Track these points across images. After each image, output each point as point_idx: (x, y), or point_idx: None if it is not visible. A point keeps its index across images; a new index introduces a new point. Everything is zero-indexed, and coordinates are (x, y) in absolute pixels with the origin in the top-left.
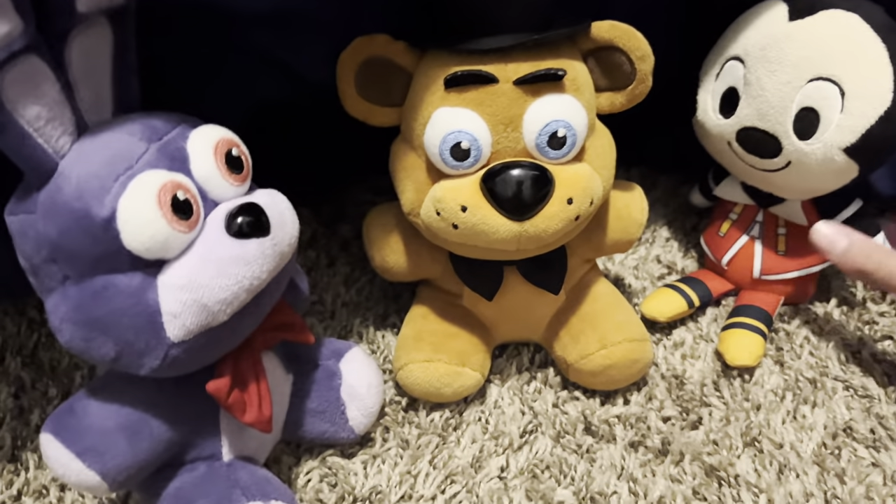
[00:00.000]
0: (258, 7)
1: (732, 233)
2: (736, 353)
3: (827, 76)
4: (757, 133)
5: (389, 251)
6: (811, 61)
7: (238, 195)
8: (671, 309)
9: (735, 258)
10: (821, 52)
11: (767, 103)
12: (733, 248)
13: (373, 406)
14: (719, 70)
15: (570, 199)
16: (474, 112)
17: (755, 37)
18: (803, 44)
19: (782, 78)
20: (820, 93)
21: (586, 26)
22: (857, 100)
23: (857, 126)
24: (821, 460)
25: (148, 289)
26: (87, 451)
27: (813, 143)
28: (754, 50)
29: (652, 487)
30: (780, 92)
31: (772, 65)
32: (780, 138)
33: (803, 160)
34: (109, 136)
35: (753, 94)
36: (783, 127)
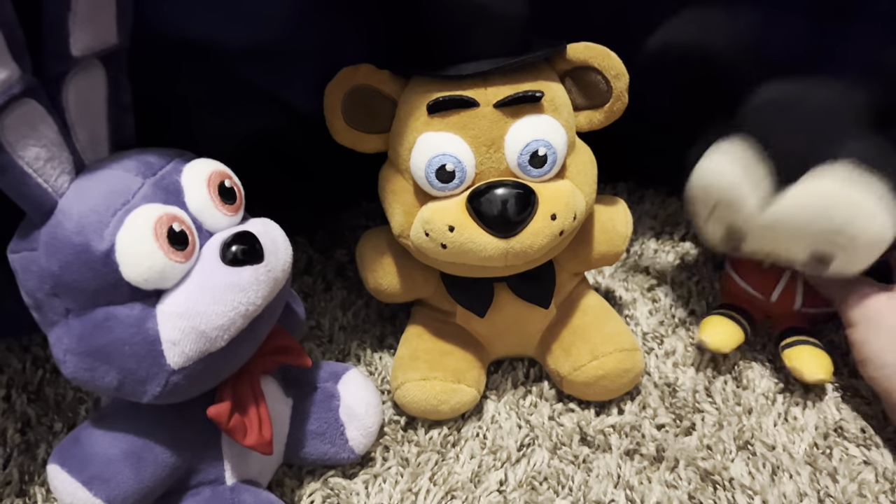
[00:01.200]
0: (244, 42)
1: (775, 268)
2: (813, 368)
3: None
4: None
5: (383, 273)
6: (810, 240)
7: (232, 225)
8: (733, 340)
9: (783, 293)
10: (816, 230)
11: (776, 251)
12: (780, 283)
13: (372, 426)
14: (712, 209)
15: (554, 215)
16: (457, 135)
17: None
18: (797, 226)
19: (785, 251)
20: (825, 250)
21: (562, 48)
22: (862, 248)
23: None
24: (813, 460)
25: (147, 318)
26: (92, 480)
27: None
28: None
29: (648, 494)
30: (786, 256)
31: (771, 242)
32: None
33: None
34: (106, 173)
35: (757, 242)
36: (796, 263)
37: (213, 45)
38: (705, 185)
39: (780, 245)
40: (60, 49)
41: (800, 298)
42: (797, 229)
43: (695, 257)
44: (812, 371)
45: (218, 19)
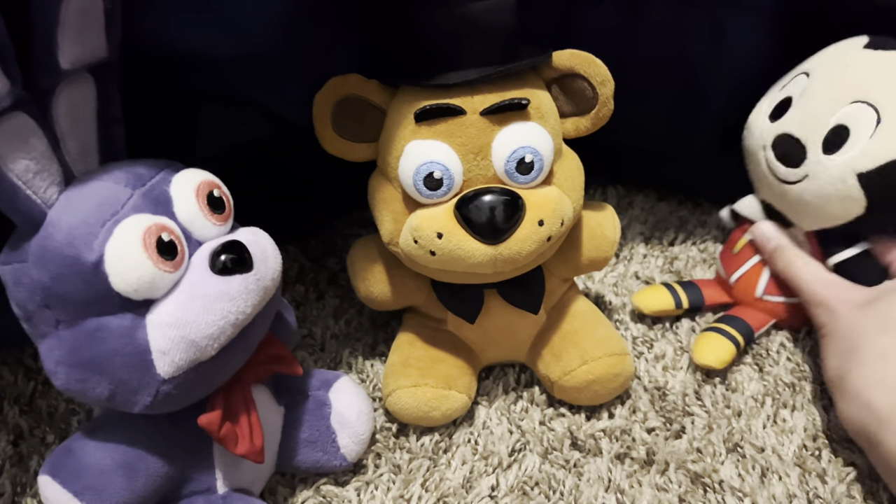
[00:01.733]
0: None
1: (746, 252)
2: (703, 352)
3: (871, 101)
4: (790, 139)
5: (374, 281)
6: (863, 85)
7: (221, 234)
8: (657, 303)
9: (742, 277)
10: (874, 79)
11: (810, 112)
12: (743, 266)
13: (363, 433)
14: (788, 82)
15: (541, 221)
16: (445, 143)
17: (830, 55)
18: (865, 69)
19: (833, 91)
20: (858, 114)
21: (548, 56)
22: (889, 130)
23: (880, 154)
24: (802, 462)
25: (138, 328)
26: (85, 490)
27: (834, 158)
28: (822, 65)
29: (639, 497)
30: (825, 103)
31: (829, 79)
32: (808, 148)
33: (819, 175)
34: (96, 184)
35: (803, 104)
36: (814, 136)
37: (203, 56)
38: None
39: (820, 108)
40: (50, 62)
41: (763, 285)
42: (854, 76)
43: (684, 262)
44: (701, 354)
45: (208, 31)
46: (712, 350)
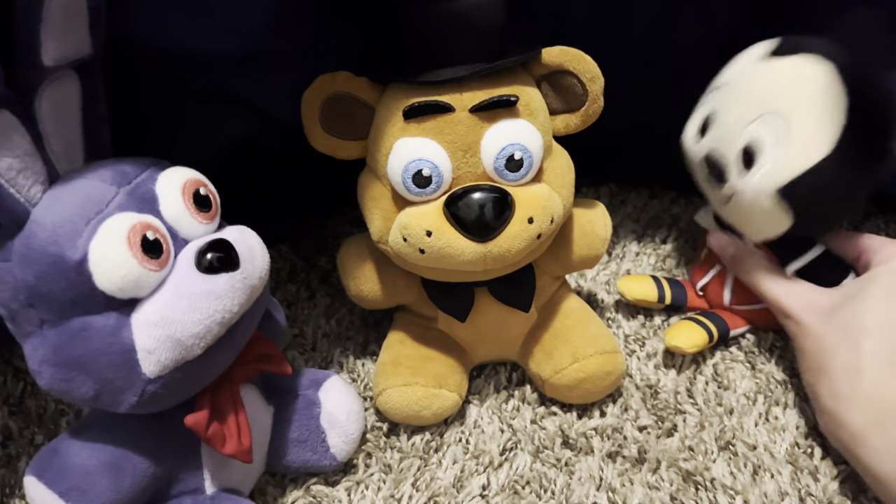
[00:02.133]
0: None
1: (709, 261)
2: (675, 335)
3: (778, 112)
4: (713, 158)
5: (364, 280)
6: (768, 97)
7: (207, 232)
8: (641, 292)
9: (708, 285)
10: (779, 91)
11: (724, 129)
12: (707, 275)
13: (354, 432)
14: (709, 95)
15: (531, 219)
16: (433, 140)
17: (739, 65)
18: (768, 81)
19: (741, 107)
20: (766, 128)
21: (537, 53)
22: (797, 141)
23: (790, 169)
24: (794, 459)
25: (123, 327)
26: (70, 491)
27: (750, 177)
28: (731, 79)
29: (630, 496)
30: (735, 120)
31: (736, 95)
32: (728, 166)
33: (741, 194)
34: (80, 182)
35: (719, 121)
36: (732, 154)
37: (190, 54)
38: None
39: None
40: (33, 59)
41: (728, 295)
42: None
43: (676, 260)
44: (673, 336)
45: (195, 28)
46: (685, 334)
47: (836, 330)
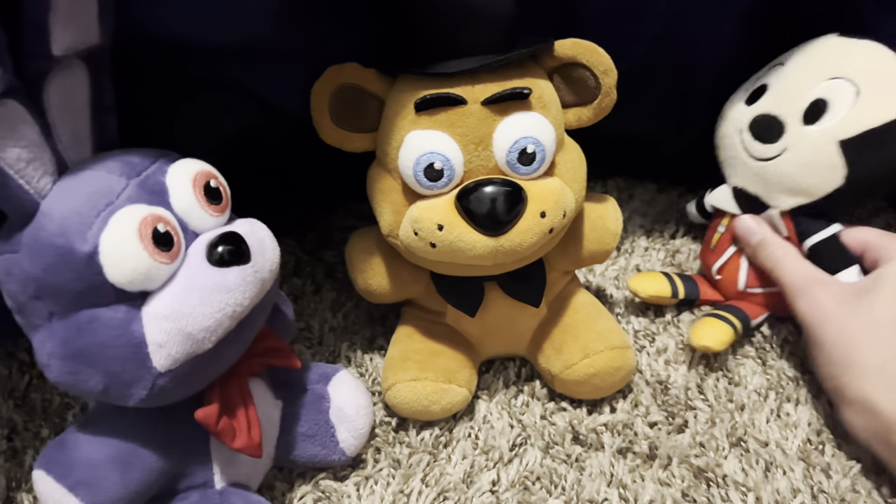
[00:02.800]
0: (229, 41)
1: (721, 244)
2: (701, 334)
3: (848, 77)
4: (767, 118)
5: (372, 274)
6: (840, 64)
7: (218, 225)
8: (654, 289)
9: (723, 268)
10: (851, 60)
11: (788, 90)
12: (722, 258)
13: (362, 427)
14: (764, 73)
15: (543, 213)
16: (445, 133)
17: (803, 46)
18: (840, 51)
19: (810, 70)
20: (837, 87)
21: (549, 45)
22: (869, 99)
23: (861, 122)
24: (806, 456)
25: (132, 320)
26: (78, 485)
27: (814, 128)
28: (796, 53)
29: (641, 492)
30: (803, 80)
31: (805, 61)
32: (786, 123)
33: (799, 145)
34: (89, 174)
35: (780, 84)
36: (794, 111)
37: (198, 44)
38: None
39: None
40: (41, 49)
41: (743, 278)
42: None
43: (686, 255)
44: (699, 336)
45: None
46: (711, 332)
47: (860, 320)
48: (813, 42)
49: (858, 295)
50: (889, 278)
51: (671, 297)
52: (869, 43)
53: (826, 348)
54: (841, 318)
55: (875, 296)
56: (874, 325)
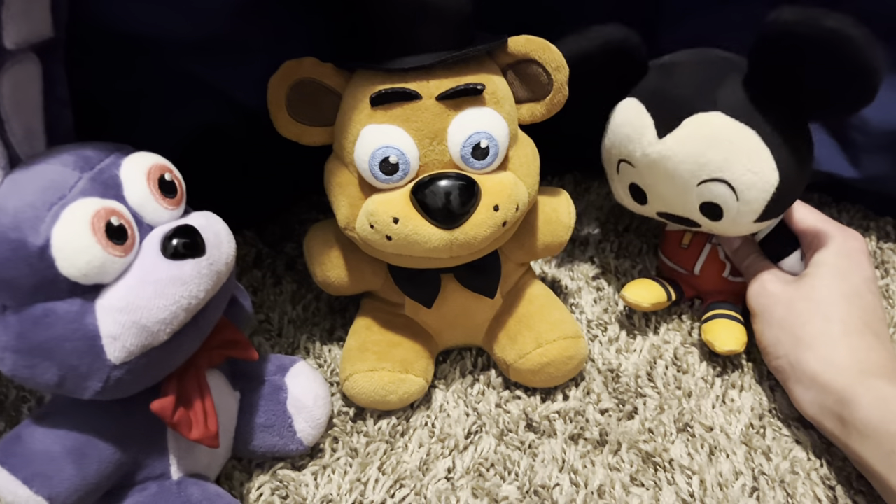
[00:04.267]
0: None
1: (696, 243)
2: (724, 339)
3: (714, 178)
4: (673, 216)
5: (330, 266)
6: (693, 171)
7: (173, 218)
8: (653, 296)
9: (706, 265)
10: (698, 162)
11: (671, 202)
12: (701, 256)
13: (320, 417)
14: (616, 167)
15: (497, 207)
16: (400, 128)
17: (635, 150)
18: (680, 159)
19: (675, 186)
20: (713, 192)
21: (503, 42)
22: (747, 191)
23: (756, 207)
24: (748, 440)
25: (87, 313)
26: (34, 477)
27: (724, 222)
28: (640, 162)
29: (592, 477)
30: (678, 196)
31: (661, 178)
32: (695, 220)
33: (726, 229)
34: (42, 167)
35: (656, 195)
36: (694, 214)
37: (154, 37)
38: (607, 145)
39: (673, 194)
40: None
41: (728, 265)
42: (682, 168)
43: (638, 247)
44: (722, 342)
45: (159, 11)
46: (730, 335)
47: (806, 302)
48: (634, 134)
49: (802, 279)
50: (828, 263)
51: (667, 301)
52: (691, 125)
53: (774, 328)
54: (788, 300)
55: (818, 279)
56: (819, 305)
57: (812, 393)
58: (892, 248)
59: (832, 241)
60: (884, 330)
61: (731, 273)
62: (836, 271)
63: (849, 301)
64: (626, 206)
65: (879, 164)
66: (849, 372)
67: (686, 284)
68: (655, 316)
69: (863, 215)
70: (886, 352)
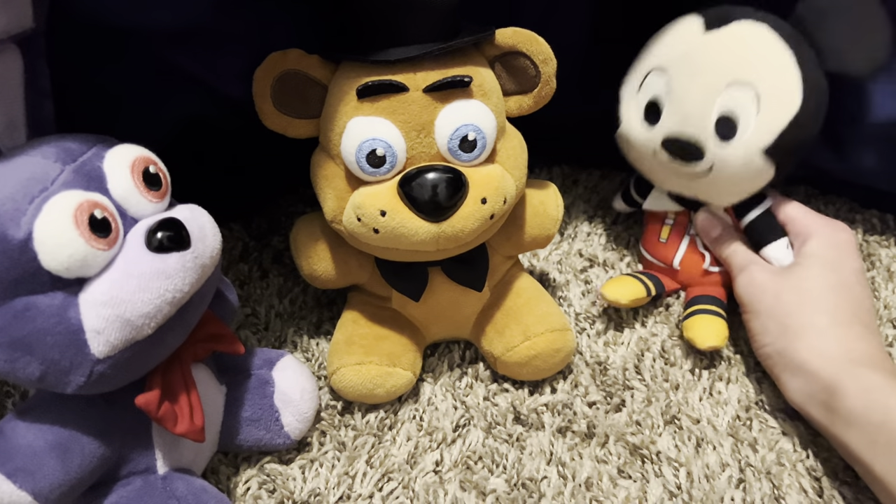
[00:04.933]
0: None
1: (674, 237)
2: (704, 336)
3: (743, 80)
4: (681, 141)
5: (317, 259)
6: (728, 67)
7: (157, 211)
8: (632, 293)
9: (685, 258)
10: (736, 59)
11: (690, 109)
12: (680, 249)
13: (307, 411)
14: (641, 82)
15: (484, 199)
16: (387, 120)
17: (676, 47)
18: (720, 52)
19: (702, 83)
20: (737, 97)
21: (490, 34)
22: (770, 103)
23: (773, 127)
24: (735, 432)
25: (69, 307)
26: (17, 472)
27: (734, 144)
28: (675, 59)
29: (579, 469)
30: (701, 97)
31: (692, 71)
32: (703, 143)
33: (726, 163)
34: (23, 159)
35: (677, 102)
36: (706, 132)
37: (136, 27)
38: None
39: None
40: None
41: (708, 259)
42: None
43: (626, 240)
44: (703, 339)
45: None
46: (712, 331)
47: (794, 291)
48: (683, 38)
49: (791, 270)
50: (817, 255)
51: (646, 296)
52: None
53: (763, 318)
54: (776, 289)
55: (807, 270)
56: (808, 295)
57: (799, 381)
58: (877, 240)
59: (821, 233)
60: (872, 321)
61: (710, 264)
62: (825, 262)
63: (837, 292)
64: (630, 137)
65: (865, 157)
66: (837, 361)
67: (667, 278)
68: (643, 309)
69: (849, 208)
70: (874, 342)
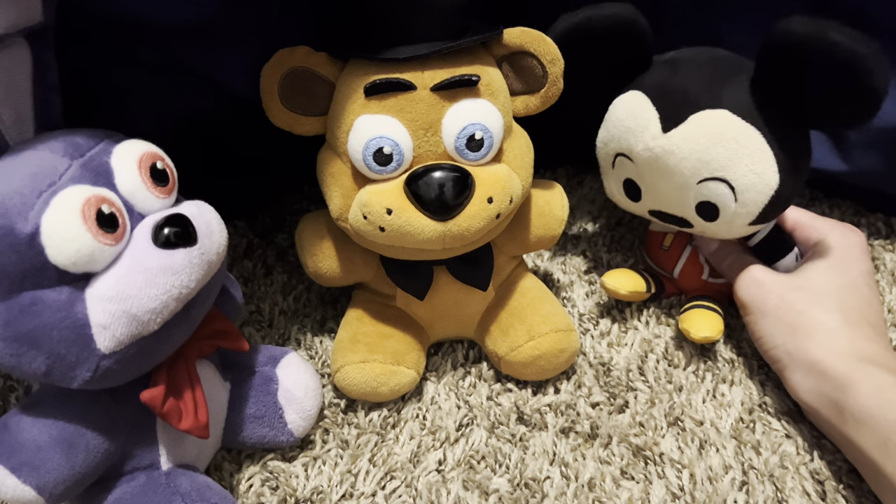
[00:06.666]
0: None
1: (677, 245)
2: (699, 326)
3: (714, 177)
4: (667, 215)
5: (322, 257)
6: (695, 169)
7: (164, 207)
8: (632, 285)
9: (685, 268)
10: (701, 158)
11: (667, 200)
12: (681, 259)
13: (311, 409)
14: (612, 161)
15: (491, 199)
16: (395, 118)
17: (636, 144)
18: (684, 155)
19: (674, 183)
20: (712, 191)
21: (498, 33)
22: (747, 192)
23: (754, 209)
24: (738, 434)
25: (76, 302)
26: (21, 466)
27: (719, 223)
28: (640, 156)
29: (582, 470)
30: (675, 193)
31: (660, 174)
32: (689, 219)
33: (718, 230)
34: (31, 154)
35: (651, 192)
36: (688, 213)
37: (145, 23)
38: (604, 138)
39: (671, 191)
40: None
41: (707, 269)
42: (684, 165)
43: (630, 241)
44: (697, 329)
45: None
46: (705, 323)
47: (801, 290)
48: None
49: (795, 271)
50: (825, 256)
51: (646, 291)
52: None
53: (769, 318)
54: (780, 289)
55: (812, 270)
56: (814, 295)
57: (811, 380)
58: (882, 244)
59: (831, 235)
60: (881, 323)
61: (710, 275)
62: (833, 263)
63: (845, 293)
64: (617, 202)
65: (871, 161)
66: (849, 359)
67: (668, 283)
68: (646, 310)
69: (854, 211)
70: (883, 343)
